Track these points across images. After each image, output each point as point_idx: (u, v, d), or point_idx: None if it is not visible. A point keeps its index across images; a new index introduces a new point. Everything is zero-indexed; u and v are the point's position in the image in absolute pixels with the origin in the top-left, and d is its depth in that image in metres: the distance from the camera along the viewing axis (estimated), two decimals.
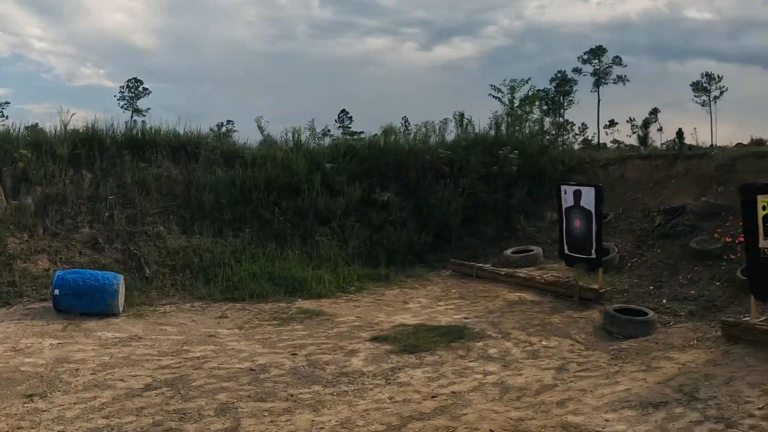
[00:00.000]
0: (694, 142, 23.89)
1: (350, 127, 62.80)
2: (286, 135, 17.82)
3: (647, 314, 9.90)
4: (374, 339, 9.32)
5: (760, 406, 6.42)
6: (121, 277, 11.03)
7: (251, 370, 7.90)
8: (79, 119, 16.57)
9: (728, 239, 11.90)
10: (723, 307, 10.24)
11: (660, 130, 68.22)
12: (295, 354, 8.58)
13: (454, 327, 9.98)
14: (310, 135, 18.21)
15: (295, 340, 9.31)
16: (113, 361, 8.15)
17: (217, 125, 36.17)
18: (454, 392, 7.19)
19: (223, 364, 8.11)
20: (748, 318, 8.94)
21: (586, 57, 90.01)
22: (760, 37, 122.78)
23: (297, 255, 13.77)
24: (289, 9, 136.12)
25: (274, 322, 10.43)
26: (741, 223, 9.60)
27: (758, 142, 20.16)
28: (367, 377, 7.69)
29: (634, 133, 76.86)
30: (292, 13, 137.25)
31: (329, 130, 24.17)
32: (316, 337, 9.48)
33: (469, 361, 8.35)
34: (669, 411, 6.43)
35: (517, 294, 12.00)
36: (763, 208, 8.60)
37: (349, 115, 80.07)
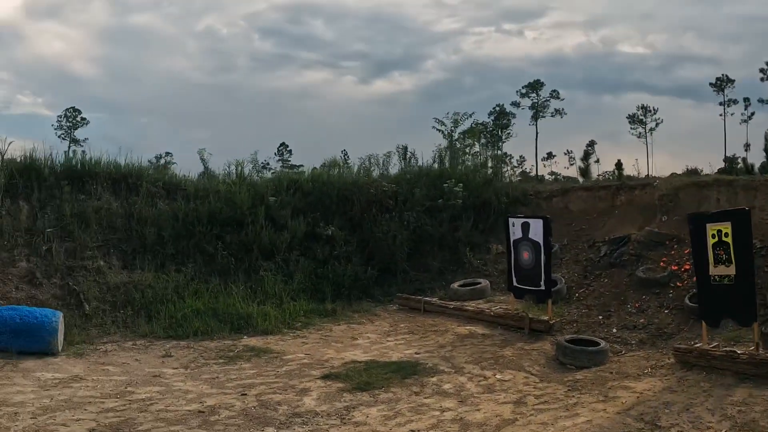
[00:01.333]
0: (635, 173, 24.25)
1: (290, 161, 62.43)
2: (229, 168, 17.61)
3: (599, 344, 9.89)
4: (325, 377, 9.05)
5: (723, 431, 6.39)
6: (60, 314, 10.53)
7: (200, 412, 7.54)
8: (17, 148, 15.78)
9: (674, 267, 12.03)
10: (673, 334, 10.31)
11: (597, 161, 69.51)
12: (245, 394, 8.25)
13: (406, 362, 9.78)
14: (252, 168, 17.99)
15: (244, 380, 8.98)
16: (54, 403, 7.70)
17: (156, 157, 35.54)
18: (412, 430, 6.99)
19: (170, 407, 7.74)
20: (699, 344, 8.97)
21: (524, 91, 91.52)
22: (692, 71, 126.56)
23: (241, 290, 13.45)
24: (229, 41, 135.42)
25: (221, 361, 10.07)
26: (688, 251, 9.68)
27: (692, 172, 20.62)
28: (321, 417, 7.41)
29: (571, 165, 77.98)
30: (233, 45, 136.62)
31: (268, 164, 23.98)
32: (266, 376, 9.17)
33: (425, 398, 8.15)
34: None
35: (467, 327, 11.88)
36: (712, 236, 8.71)
37: (288, 149, 79.36)
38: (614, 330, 10.98)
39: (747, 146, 71.72)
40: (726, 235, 8.56)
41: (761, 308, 10.16)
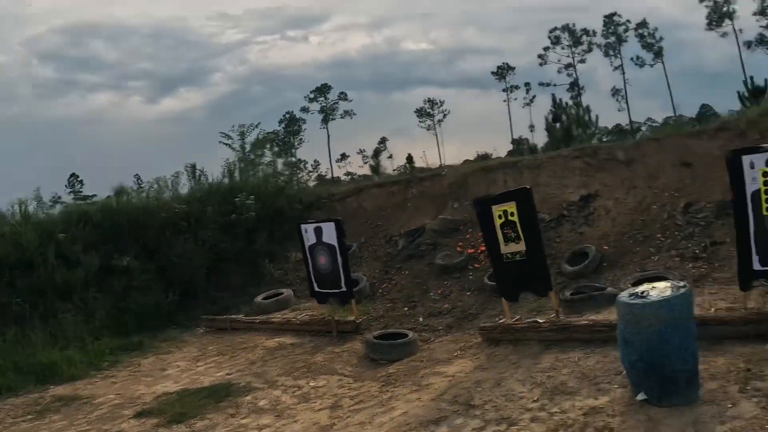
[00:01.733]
0: (425, 164, 24.72)
1: (81, 192, 59.35)
2: (12, 208, 16.26)
3: (407, 335, 9.89)
4: (139, 414, 8.48)
5: (535, 399, 6.49)
6: None
7: None
8: None
9: (470, 251, 12.33)
10: (477, 314, 10.53)
11: (390, 157, 71.07)
12: None
13: (218, 386, 9.35)
14: (38, 205, 16.76)
15: None
16: None
17: None
18: None
19: None
20: (503, 320, 9.16)
21: (312, 96, 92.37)
22: (475, 63, 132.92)
23: (41, 338, 12.43)
24: (8, 69, 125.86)
25: (29, 417, 9.17)
26: (481, 234, 9.86)
27: (483, 157, 21.34)
28: None
29: (365, 163, 79.27)
30: (12, 73, 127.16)
31: (59, 197, 22.52)
32: (78, 426, 8.46)
33: (242, 419, 7.83)
34: (450, 424, 6.33)
35: (276, 339, 11.56)
36: (499, 217, 8.91)
37: (79, 179, 75.50)
38: (421, 319, 11.06)
39: (531, 127, 76.12)
40: (512, 214, 8.77)
41: (557, 277, 10.62)
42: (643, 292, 5.93)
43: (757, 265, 7.47)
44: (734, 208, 7.66)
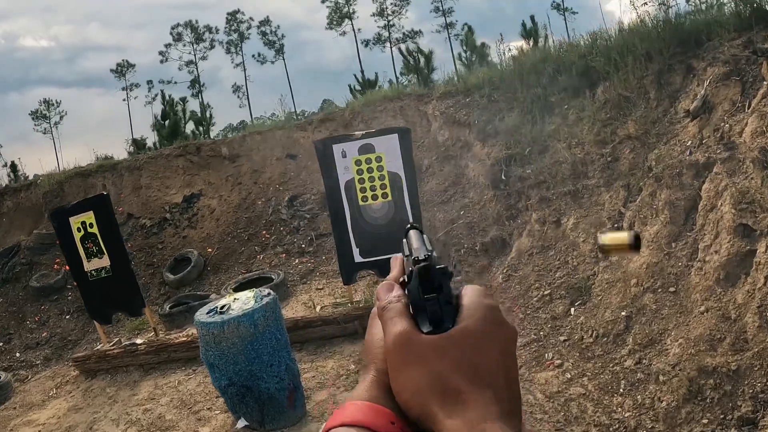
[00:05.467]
0: (34, 172, 22.38)
1: None
2: None
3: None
4: None
5: None
6: None
7: None
8: None
9: (68, 267, 11.26)
10: (78, 340, 9.66)
11: (5, 166, 64.81)
12: None
13: None
14: None
15: None
16: None
17: None
18: None
19: None
20: (100, 345, 8.37)
21: None
22: (97, 61, 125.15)
23: None
24: None
25: None
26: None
27: (107, 159, 19.76)
28: None
29: None
30: None
31: None
32: None
33: None
34: None
35: None
36: (78, 230, 8.13)
37: None
38: (17, 354, 9.85)
39: (153, 126, 74.07)
40: (91, 225, 8.06)
41: (161, 287, 10.03)
42: (223, 307, 5.50)
43: (358, 258, 7.49)
44: (328, 198, 7.62)
